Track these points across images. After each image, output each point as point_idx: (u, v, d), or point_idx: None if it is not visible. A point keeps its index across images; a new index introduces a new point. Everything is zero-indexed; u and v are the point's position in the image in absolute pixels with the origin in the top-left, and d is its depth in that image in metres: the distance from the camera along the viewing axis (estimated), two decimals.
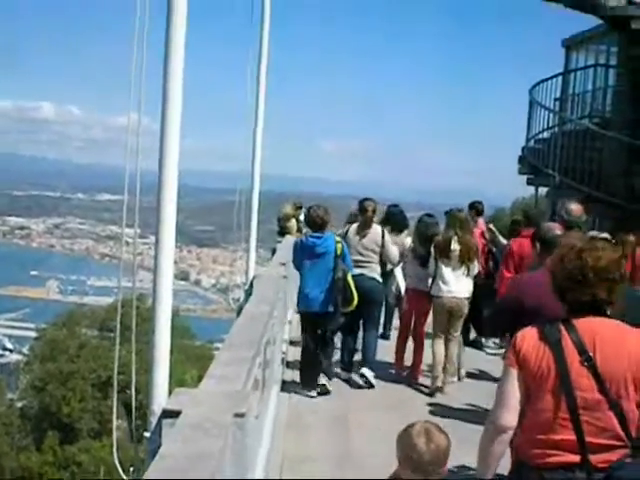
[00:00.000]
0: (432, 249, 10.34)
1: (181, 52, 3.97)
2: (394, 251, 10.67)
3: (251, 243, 9.99)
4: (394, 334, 12.43)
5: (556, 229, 6.35)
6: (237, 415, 3.68)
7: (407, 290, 11.13)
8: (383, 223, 11.25)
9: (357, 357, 10.75)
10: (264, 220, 11.96)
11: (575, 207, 8.71)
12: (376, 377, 10.59)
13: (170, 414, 3.72)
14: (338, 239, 9.91)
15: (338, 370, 10.75)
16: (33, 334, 54.63)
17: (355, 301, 9.61)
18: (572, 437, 3.77)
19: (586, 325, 3.87)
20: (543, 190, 19.54)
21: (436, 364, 10.25)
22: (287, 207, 16.35)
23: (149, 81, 4.37)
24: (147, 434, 3.98)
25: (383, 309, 11.66)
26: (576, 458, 3.77)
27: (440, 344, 10.32)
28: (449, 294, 10.13)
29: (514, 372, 3.92)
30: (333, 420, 8.85)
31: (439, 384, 10.17)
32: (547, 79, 19.56)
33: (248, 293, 8.80)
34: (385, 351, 11.72)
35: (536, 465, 3.87)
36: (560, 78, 21.14)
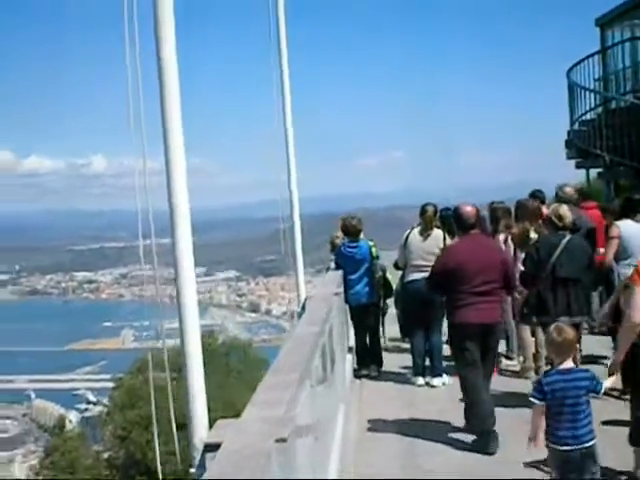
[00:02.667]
0: (510, 241, 10.57)
1: (176, 87, 3.88)
2: None
3: (298, 266, 9.94)
4: None
5: (471, 218, 8.34)
6: (279, 440, 3.54)
7: None
8: (438, 228, 11.22)
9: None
10: (320, 242, 11.98)
11: (569, 189, 11.01)
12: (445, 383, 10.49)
13: (212, 447, 3.62)
14: (372, 243, 11.36)
15: (409, 376, 10.86)
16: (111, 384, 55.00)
17: (393, 293, 11.69)
18: None
19: None
20: (593, 172, 19.21)
21: (525, 349, 10.36)
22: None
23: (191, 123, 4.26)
24: (192, 470, 3.88)
25: None
26: None
27: (526, 330, 10.28)
28: None
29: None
30: (403, 434, 8.62)
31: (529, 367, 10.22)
32: (583, 59, 19.16)
33: (300, 316, 8.72)
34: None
35: None
36: (598, 58, 20.73)
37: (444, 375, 10.60)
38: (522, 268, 9.62)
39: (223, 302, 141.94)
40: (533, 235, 10.03)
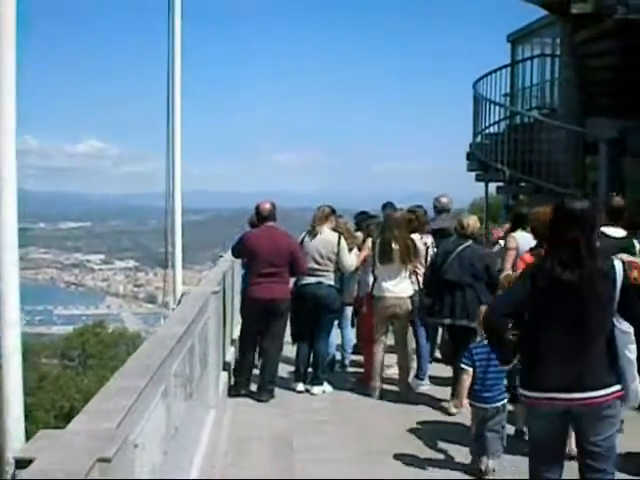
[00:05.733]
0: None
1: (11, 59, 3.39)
2: (349, 259, 10.28)
3: (177, 262, 9.50)
4: None
5: (265, 212, 10.01)
6: (101, 460, 3.09)
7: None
8: (335, 231, 10.73)
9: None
10: (227, 237, 11.52)
11: (444, 199, 11.75)
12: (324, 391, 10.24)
13: (24, 464, 3.12)
14: None
15: (291, 381, 10.60)
16: None
17: None
18: None
19: None
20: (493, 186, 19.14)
21: (375, 367, 10.11)
22: None
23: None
24: None
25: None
26: None
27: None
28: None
29: None
30: (277, 443, 8.28)
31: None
32: (491, 72, 19.09)
33: None
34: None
35: None
36: (507, 73, 20.78)
37: (325, 384, 10.33)
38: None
39: (120, 291, 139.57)
40: (395, 246, 9.92)
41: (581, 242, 4.82)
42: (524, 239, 9.02)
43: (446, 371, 10.15)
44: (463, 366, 7.29)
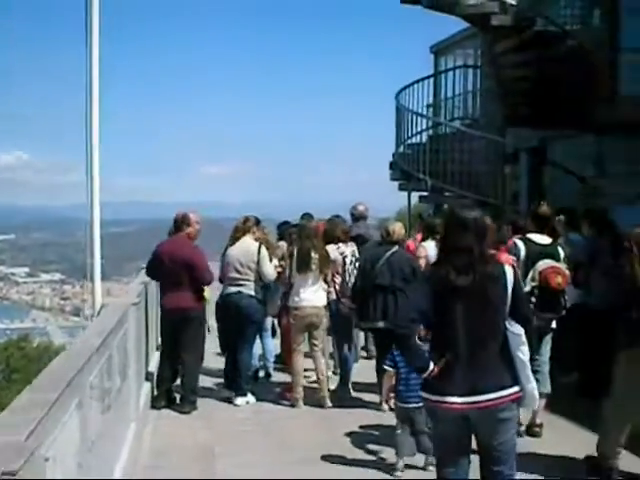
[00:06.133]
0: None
1: None
2: (269, 268, 10.29)
3: (95, 273, 9.42)
4: None
5: (177, 222, 10.05)
6: (7, 473, 3.04)
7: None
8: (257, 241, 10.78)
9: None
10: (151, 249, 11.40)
11: (361, 207, 12.25)
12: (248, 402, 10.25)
13: None
14: None
15: (215, 392, 10.71)
16: None
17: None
18: None
19: None
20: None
21: (297, 377, 10.15)
22: None
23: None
24: None
25: None
26: None
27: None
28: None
29: None
30: (198, 455, 8.21)
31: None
32: (413, 83, 19.18)
33: None
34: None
35: None
36: (430, 84, 20.90)
37: (248, 394, 10.31)
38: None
39: (47, 305, 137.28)
40: (314, 255, 10.00)
41: (474, 249, 4.96)
42: (432, 248, 9.54)
43: (370, 377, 10.23)
44: (385, 367, 7.58)
